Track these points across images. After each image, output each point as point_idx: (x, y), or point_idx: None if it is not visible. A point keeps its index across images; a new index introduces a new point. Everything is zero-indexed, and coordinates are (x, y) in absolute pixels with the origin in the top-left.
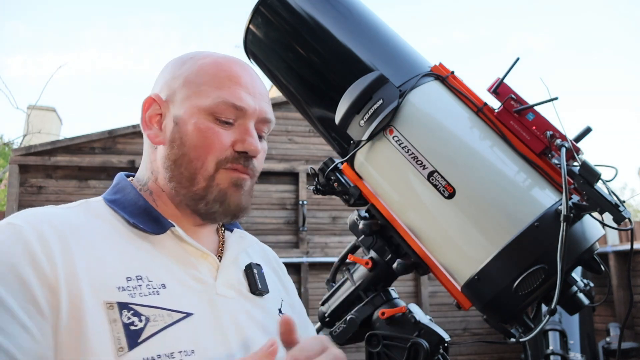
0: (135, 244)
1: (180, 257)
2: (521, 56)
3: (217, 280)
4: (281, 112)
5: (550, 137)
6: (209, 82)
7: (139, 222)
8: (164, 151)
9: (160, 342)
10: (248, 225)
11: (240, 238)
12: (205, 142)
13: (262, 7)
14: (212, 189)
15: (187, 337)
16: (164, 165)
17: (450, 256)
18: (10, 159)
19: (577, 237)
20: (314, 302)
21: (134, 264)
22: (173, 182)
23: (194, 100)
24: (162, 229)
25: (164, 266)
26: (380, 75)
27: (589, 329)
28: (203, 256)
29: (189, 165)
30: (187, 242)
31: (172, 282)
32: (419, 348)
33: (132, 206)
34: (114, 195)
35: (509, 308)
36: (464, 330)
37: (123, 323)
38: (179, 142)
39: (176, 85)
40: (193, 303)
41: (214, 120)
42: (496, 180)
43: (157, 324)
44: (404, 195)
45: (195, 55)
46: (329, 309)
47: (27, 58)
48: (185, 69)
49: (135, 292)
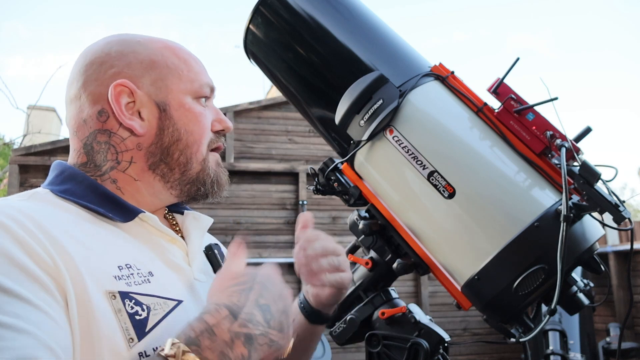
0: (108, 231)
1: (153, 244)
2: (521, 56)
3: (192, 266)
4: (281, 112)
5: (550, 137)
6: (180, 66)
7: (105, 211)
8: (149, 139)
9: (164, 330)
10: (248, 225)
11: (194, 220)
12: (199, 126)
13: (262, 7)
14: (207, 171)
15: (182, 324)
16: (146, 154)
17: (450, 256)
18: (10, 159)
19: (577, 237)
20: None
21: (118, 251)
22: (160, 168)
23: (175, 84)
24: (131, 216)
25: (144, 253)
26: (380, 76)
27: (589, 329)
28: (172, 241)
29: (185, 150)
30: (154, 227)
31: (157, 270)
32: (419, 348)
33: (90, 194)
34: (63, 185)
35: (509, 308)
36: (464, 330)
37: (128, 313)
38: (172, 129)
39: (139, 72)
40: (179, 290)
41: (198, 102)
42: (496, 180)
43: (157, 312)
44: (404, 195)
45: (135, 40)
46: None
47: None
48: (141, 54)
49: (131, 281)
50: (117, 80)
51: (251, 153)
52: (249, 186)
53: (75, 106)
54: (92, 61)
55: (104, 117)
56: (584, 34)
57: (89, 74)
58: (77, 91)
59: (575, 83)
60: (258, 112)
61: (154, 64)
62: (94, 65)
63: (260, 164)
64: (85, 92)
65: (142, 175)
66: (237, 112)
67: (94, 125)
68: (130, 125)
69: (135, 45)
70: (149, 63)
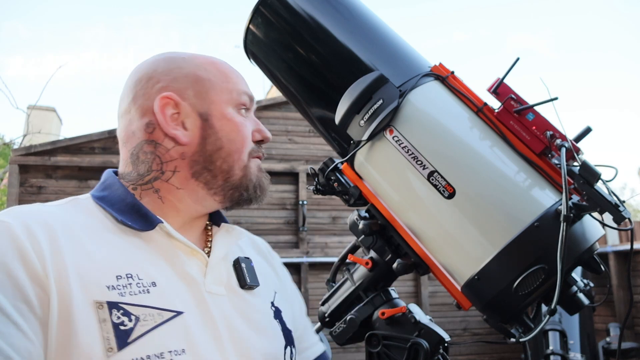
0: (125, 240)
1: (169, 254)
2: (521, 56)
3: (206, 278)
4: (281, 112)
5: (550, 137)
6: (222, 78)
7: (127, 219)
8: (193, 148)
9: (150, 342)
10: (248, 225)
11: (226, 232)
12: (240, 135)
13: (262, 7)
14: (249, 177)
15: (178, 336)
16: (189, 163)
17: (450, 256)
18: (10, 159)
19: (577, 237)
20: (314, 302)
21: (124, 261)
22: (203, 176)
23: (217, 96)
24: (150, 226)
25: (154, 263)
26: (380, 76)
27: (589, 329)
28: (192, 253)
29: (228, 158)
30: (175, 238)
31: (162, 280)
32: (419, 348)
33: (120, 203)
34: (102, 192)
35: (509, 308)
36: (464, 330)
37: (113, 323)
38: (214, 138)
39: (183, 85)
40: (183, 301)
41: (239, 112)
42: (496, 180)
43: (147, 323)
44: (403, 195)
45: (180, 57)
46: (329, 309)
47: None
48: (185, 68)
49: (125, 291)
50: (163, 93)
51: None
52: None
53: (126, 119)
54: (140, 78)
55: (150, 129)
56: (584, 34)
57: (138, 89)
58: (127, 106)
59: (575, 83)
60: (258, 112)
61: (198, 77)
62: (142, 81)
63: None
64: (135, 105)
65: (186, 183)
66: None
67: (141, 136)
68: (174, 134)
69: (180, 61)
70: (193, 77)
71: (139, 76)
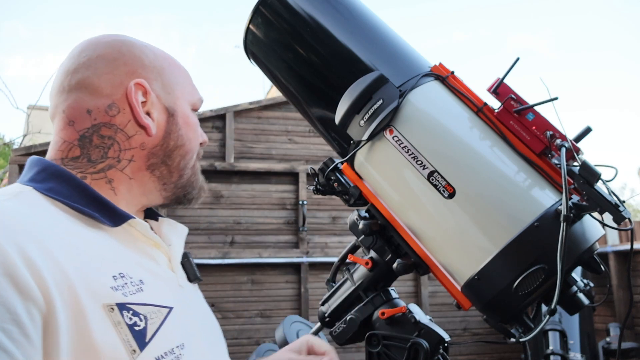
0: (98, 236)
1: (138, 250)
2: (521, 56)
3: (176, 272)
4: (281, 112)
5: (550, 137)
6: (183, 77)
7: (99, 215)
8: (155, 140)
9: (162, 339)
10: (248, 225)
11: (170, 226)
12: (196, 135)
13: (262, 7)
14: (196, 176)
15: (176, 331)
16: (148, 154)
17: (450, 256)
18: (10, 159)
19: (577, 237)
20: (314, 302)
21: (111, 260)
22: (160, 170)
23: (181, 94)
24: (120, 221)
25: (132, 259)
26: (380, 75)
27: (589, 329)
28: (156, 246)
29: (185, 155)
30: (140, 232)
31: (147, 277)
32: (419, 348)
33: (80, 195)
34: (47, 182)
35: (509, 308)
36: (464, 330)
37: (127, 324)
38: (177, 134)
39: (152, 75)
40: (169, 296)
41: (194, 114)
42: (496, 180)
43: (154, 321)
44: (404, 195)
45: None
46: (329, 309)
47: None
48: (151, 57)
49: (126, 291)
50: (135, 79)
51: (251, 153)
52: (249, 186)
53: (77, 96)
54: (101, 55)
55: (113, 112)
56: (584, 34)
57: (99, 67)
58: (81, 81)
59: (575, 83)
60: (258, 112)
61: (163, 70)
62: (104, 59)
63: (260, 164)
64: (93, 83)
65: (137, 173)
66: (237, 112)
67: (100, 118)
68: (146, 124)
69: (144, 48)
70: (160, 68)
71: (100, 53)
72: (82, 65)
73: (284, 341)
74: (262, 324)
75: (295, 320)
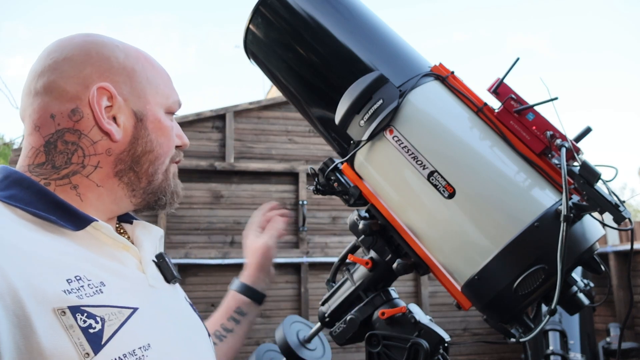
0: (56, 241)
1: (104, 252)
2: (521, 57)
3: (146, 272)
4: (281, 112)
5: (550, 137)
6: (157, 79)
7: (57, 218)
8: (122, 146)
9: (121, 341)
10: None
11: (144, 228)
12: (169, 140)
13: (262, 7)
14: (168, 181)
15: (141, 332)
16: (115, 160)
17: (450, 256)
18: (10, 159)
19: (577, 237)
20: (314, 302)
21: (67, 263)
22: (128, 176)
23: (152, 97)
24: (82, 224)
25: (94, 262)
26: (380, 75)
27: (589, 329)
28: (125, 248)
29: (155, 161)
30: (106, 235)
31: (109, 278)
32: (419, 348)
33: (40, 201)
34: (8, 190)
35: (509, 308)
36: (464, 330)
37: (80, 327)
38: (146, 140)
39: (120, 78)
40: (134, 297)
41: (168, 117)
42: (496, 180)
43: (112, 323)
44: (404, 195)
45: (113, 44)
46: (329, 309)
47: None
48: (120, 59)
49: (82, 293)
50: (100, 83)
51: (251, 153)
52: (249, 186)
53: (42, 100)
54: (68, 57)
55: (77, 117)
56: (583, 35)
57: (65, 70)
58: (47, 84)
59: (575, 83)
60: (258, 112)
61: (134, 72)
62: (71, 62)
63: (260, 164)
64: (59, 87)
65: (106, 181)
66: (237, 112)
67: (63, 123)
68: (109, 129)
69: (115, 49)
70: (130, 71)
71: (67, 55)
72: (49, 67)
73: (284, 341)
74: (262, 324)
75: (295, 320)
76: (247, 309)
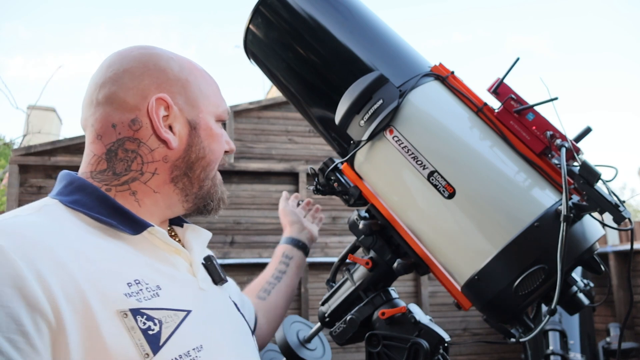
0: (115, 245)
1: (158, 256)
2: (520, 57)
3: (197, 276)
4: (281, 112)
5: (550, 137)
6: (208, 89)
7: (117, 223)
8: (177, 153)
9: (177, 342)
10: (248, 225)
11: (194, 232)
12: (220, 147)
13: (262, 7)
14: (216, 187)
15: (194, 334)
16: (171, 167)
17: (450, 256)
18: (10, 159)
19: (577, 237)
20: (314, 302)
21: (128, 267)
22: (182, 182)
23: (205, 106)
24: (140, 229)
25: (150, 266)
26: (380, 75)
27: (589, 329)
28: (177, 252)
29: (206, 167)
30: (160, 240)
31: (164, 282)
32: (419, 348)
33: (101, 206)
34: (72, 195)
35: (509, 308)
36: (464, 330)
37: (141, 329)
38: (199, 147)
39: (175, 88)
40: (186, 300)
41: (219, 124)
42: (496, 180)
43: (169, 325)
44: (403, 195)
45: (168, 56)
46: (329, 309)
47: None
48: (175, 70)
49: (141, 297)
50: (158, 94)
51: (251, 153)
52: (249, 186)
53: (104, 110)
54: (128, 69)
55: (137, 126)
56: (583, 35)
57: (125, 82)
58: (108, 95)
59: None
60: (258, 112)
61: (188, 83)
62: (130, 74)
63: (260, 164)
64: (119, 98)
65: (162, 187)
66: (237, 112)
67: (124, 132)
68: (166, 138)
69: (170, 61)
70: (184, 82)
71: (127, 67)
72: (109, 79)
73: (284, 341)
74: None
75: (295, 320)
76: (291, 253)
